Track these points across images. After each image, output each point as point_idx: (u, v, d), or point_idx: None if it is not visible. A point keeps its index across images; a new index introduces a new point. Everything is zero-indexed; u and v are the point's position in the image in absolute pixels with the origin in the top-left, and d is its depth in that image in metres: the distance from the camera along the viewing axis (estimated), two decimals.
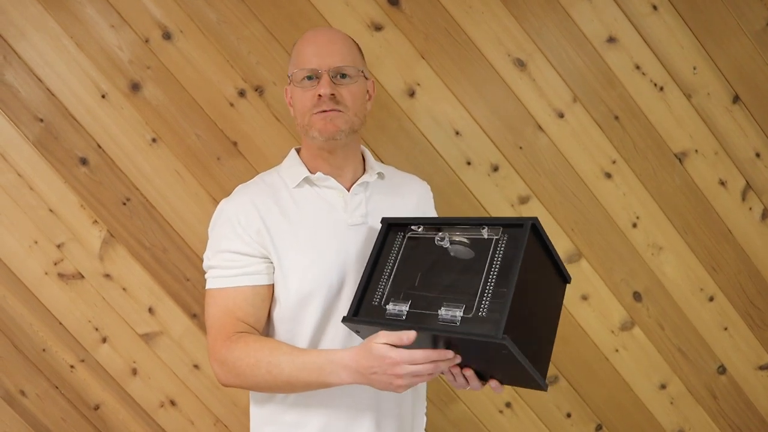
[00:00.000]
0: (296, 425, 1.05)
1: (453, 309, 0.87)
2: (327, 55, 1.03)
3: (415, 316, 0.90)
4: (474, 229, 0.94)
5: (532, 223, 0.89)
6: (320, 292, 1.01)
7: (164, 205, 1.44)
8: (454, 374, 0.94)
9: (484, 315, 0.85)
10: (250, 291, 1.02)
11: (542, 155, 1.53)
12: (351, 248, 1.05)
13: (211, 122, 1.44)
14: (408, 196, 1.17)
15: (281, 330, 1.04)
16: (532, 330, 0.92)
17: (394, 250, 1.00)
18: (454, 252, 0.94)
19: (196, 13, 1.41)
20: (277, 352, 0.95)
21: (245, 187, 1.11)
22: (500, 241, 0.91)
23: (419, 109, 1.49)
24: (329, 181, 1.08)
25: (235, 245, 1.02)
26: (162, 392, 1.50)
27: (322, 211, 1.06)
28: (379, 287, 0.97)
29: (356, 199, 1.08)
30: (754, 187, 1.59)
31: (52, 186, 1.41)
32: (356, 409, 1.04)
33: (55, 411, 1.47)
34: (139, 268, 1.45)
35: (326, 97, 1.01)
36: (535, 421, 1.61)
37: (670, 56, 1.52)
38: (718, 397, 1.65)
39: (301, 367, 0.93)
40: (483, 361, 0.91)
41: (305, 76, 1.04)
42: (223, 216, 1.05)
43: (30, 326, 1.43)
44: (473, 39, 1.48)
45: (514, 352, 0.82)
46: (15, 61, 1.37)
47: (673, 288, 1.60)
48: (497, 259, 0.89)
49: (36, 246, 1.42)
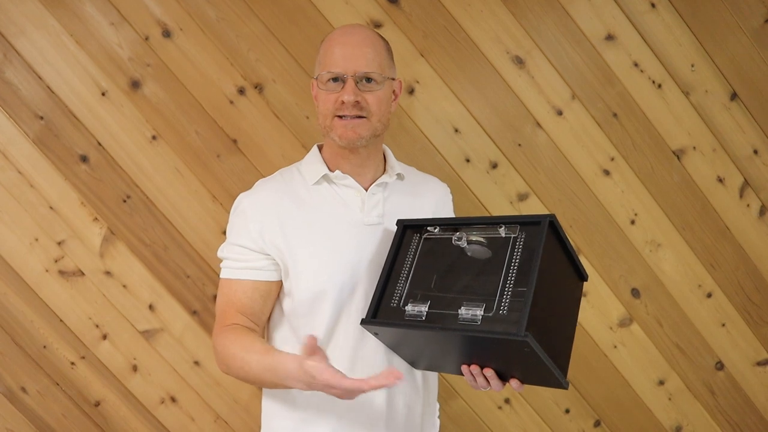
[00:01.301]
0: (305, 422, 1.05)
1: (473, 308, 0.87)
2: (354, 58, 1.02)
3: (435, 316, 0.90)
4: (491, 228, 0.94)
5: (550, 220, 0.89)
6: (333, 291, 1.02)
7: (164, 203, 1.45)
8: (474, 374, 0.94)
9: (505, 313, 0.85)
10: (251, 285, 1.04)
11: (541, 152, 1.53)
12: (366, 248, 1.05)
13: (210, 120, 1.45)
14: (427, 198, 1.18)
15: (295, 325, 1.06)
16: (552, 328, 0.92)
17: (410, 251, 1.00)
18: (471, 252, 0.94)
19: (196, 11, 1.41)
20: (250, 349, 0.97)
21: (264, 182, 1.13)
22: (518, 239, 0.91)
23: (418, 107, 1.49)
24: (347, 180, 1.08)
25: (242, 240, 1.04)
26: (162, 389, 1.50)
27: (338, 210, 1.07)
28: (397, 289, 0.97)
29: (374, 199, 1.09)
30: (751, 184, 1.59)
31: (53, 183, 1.41)
32: (367, 413, 1.05)
33: (55, 407, 1.47)
34: (139, 265, 1.46)
35: (349, 104, 1.01)
36: (534, 417, 1.62)
37: (669, 54, 1.53)
38: (716, 393, 1.66)
39: (265, 368, 0.94)
40: (503, 361, 0.91)
41: (330, 79, 1.03)
42: (239, 209, 1.08)
43: (31, 323, 1.44)
44: (472, 37, 1.48)
45: (536, 349, 0.82)
46: (15, 58, 1.38)
47: (671, 285, 1.61)
48: (516, 257, 0.89)
49: (36, 243, 1.42)
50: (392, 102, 1.11)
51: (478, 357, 0.93)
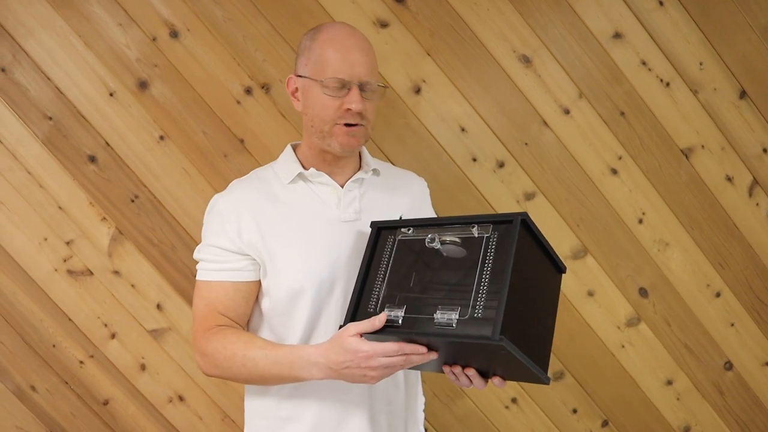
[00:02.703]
0: (289, 419, 1.05)
1: (448, 312, 0.86)
2: (358, 65, 1.00)
3: (411, 321, 0.89)
4: (464, 228, 0.93)
5: (522, 218, 0.88)
6: (311, 288, 1.01)
7: (172, 202, 1.46)
8: (456, 374, 0.94)
9: (480, 316, 0.84)
10: (231, 287, 1.03)
11: (548, 151, 1.53)
12: (343, 245, 1.05)
13: (218, 120, 1.45)
14: (403, 193, 1.17)
15: (273, 324, 1.05)
16: (530, 326, 0.91)
17: (386, 253, 0.99)
18: (446, 252, 0.93)
19: (203, 12, 1.42)
20: (252, 346, 0.96)
21: (239, 182, 1.11)
22: (491, 238, 0.90)
23: (425, 106, 1.49)
24: (323, 177, 1.07)
25: (220, 241, 1.03)
26: (170, 387, 1.51)
27: (314, 208, 1.06)
28: (374, 293, 0.96)
29: (350, 196, 1.08)
30: (760, 183, 1.58)
31: (61, 183, 1.42)
32: (349, 403, 1.05)
33: (64, 406, 1.48)
34: (147, 264, 1.46)
35: (356, 112, 1.00)
36: (541, 417, 1.62)
37: (677, 52, 1.52)
38: (724, 393, 1.65)
39: (273, 362, 0.94)
40: (483, 361, 0.91)
41: (337, 85, 1.00)
42: (214, 210, 1.06)
43: (40, 322, 1.45)
44: (479, 35, 1.48)
45: (512, 351, 0.82)
46: (24, 59, 1.39)
47: (679, 284, 1.60)
48: (489, 257, 0.88)
49: (45, 243, 1.43)
50: None
51: (458, 358, 0.92)
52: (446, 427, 1.60)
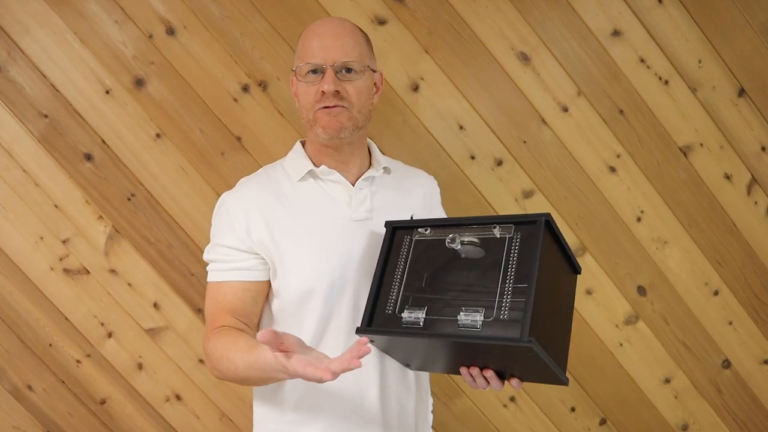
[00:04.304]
0: (295, 424, 1.03)
1: (472, 313, 0.85)
2: (332, 49, 1.00)
3: (433, 322, 0.88)
4: (484, 228, 0.92)
5: (546, 219, 0.87)
6: (322, 288, 0.99)
7: (169, 201, 1.45)
8: (473, 376, 0.93)
9: (506, 317, 0.83)
10: (240, 286, 1.02)
11: (546, 149, 1.52)
12: (355, 244, 1.03)
13: (215, 117, 1.44)
14: (414, 191, 1.16)
15: (284, 325, 1.03)
16: (552, 326, 0.90)
17: (402, 254, 0.97)
18: (465, 253, 0.92)
19: (200, 9, 1.41)
20: (233, 348, 0.93)
21: (248, 180, 1.10)
22: (513, 239, 0.89)
23: (423, 104, 1.49)
24: (334, 175, 1.06)
25: (229, 240, 1.02)
26: (168, 387, 1.50)
27: (325, 206, 1.05)
28: (391, 294, 0.94)
29: (361, 194, 1.07)
30: (759, 181, 1.58)
31: (57, 182, 1.41)
32: (360, 409, 1.03)
33: (61, 405, 1.48)
34: (144, 263, 1.46)
35: (330, 94, 0.99)
36: (540, 416, 1.62)
37: (675, 50, 1.51)
38: (722, 391, 1.65)
39: (249, 365, 0.91)
40: (503, 362, 0.90)
41: (309, 71, 1.01)
42: (222, 209, 1.05)
43: (36, 321, 1.44)
44: (477, 33, 1.48)
45: (539, 352, 0.81)
46: (19, 57, 1.38)
47: (677, 282, 1.60)
48: (513, 258, 0.87)
49: (41, 242, 1.42)
50: (374, 95, 1.09)
51: (477, 359, 0.91)
52: (445, 425, 1.59)
